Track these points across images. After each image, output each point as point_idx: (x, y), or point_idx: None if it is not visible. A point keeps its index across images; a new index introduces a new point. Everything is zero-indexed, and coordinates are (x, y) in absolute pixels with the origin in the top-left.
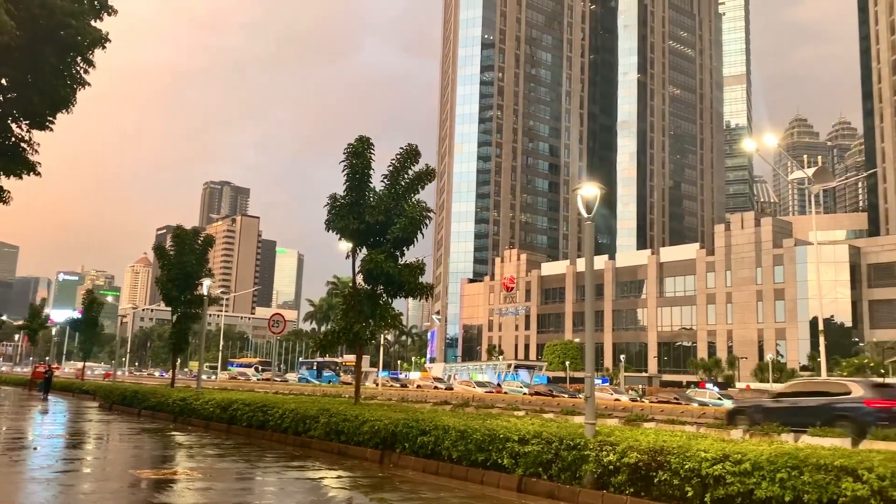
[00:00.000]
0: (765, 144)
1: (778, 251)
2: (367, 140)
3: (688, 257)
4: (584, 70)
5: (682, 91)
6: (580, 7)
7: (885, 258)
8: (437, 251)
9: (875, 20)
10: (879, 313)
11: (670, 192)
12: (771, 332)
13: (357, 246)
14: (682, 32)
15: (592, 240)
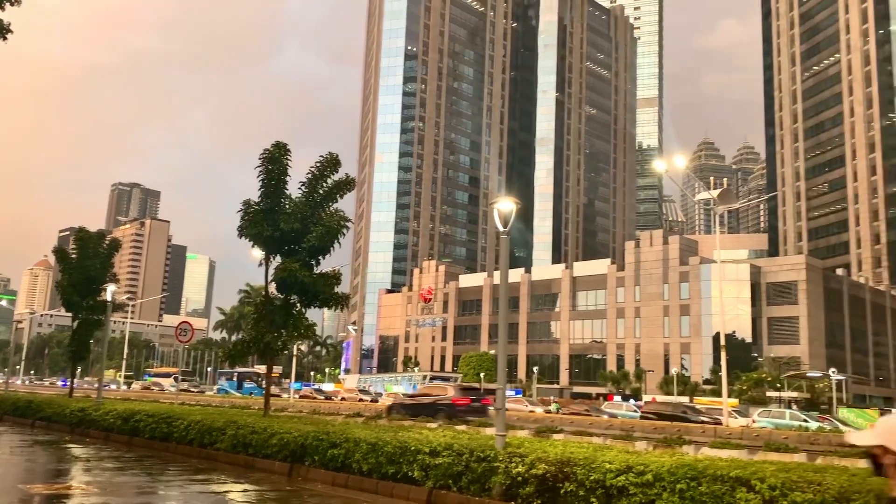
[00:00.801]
0: (674, 166)
1: (684, 268)
2: (284, 146)
3: (600, 272)
4: (504, 86)
5: (597, 111)
6: (502, 24)
7: (782, 277)
8: (355, 261)
9: (778, 52)
10: (777, 330)
11: (585, 209)
12: (676, 347)
13: (271, 254)
14: (599, 54)
15: (508, 253)
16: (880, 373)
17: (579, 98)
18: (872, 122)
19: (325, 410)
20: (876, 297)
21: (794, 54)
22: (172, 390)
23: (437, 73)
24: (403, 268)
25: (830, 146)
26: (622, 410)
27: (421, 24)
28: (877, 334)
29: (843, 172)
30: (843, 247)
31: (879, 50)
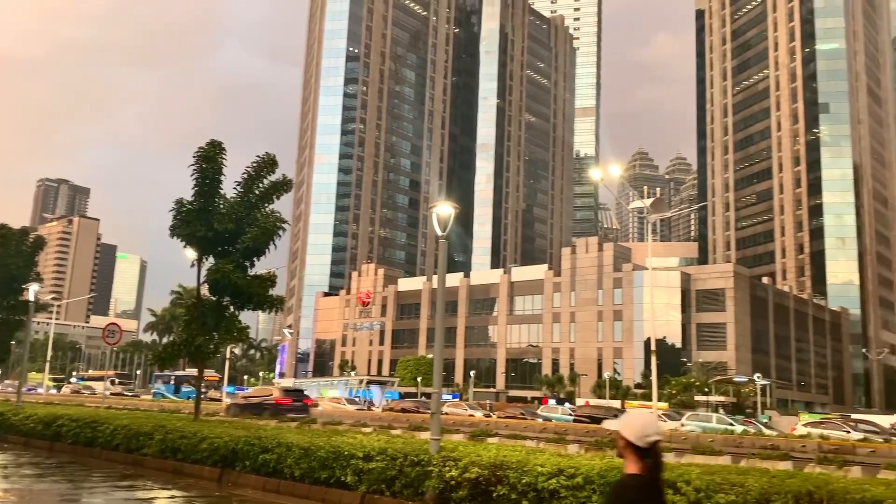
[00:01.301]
0: (609, 174)
1: (618, 275)
2: (220, 144)
3: (537, 277)
4: (446, 91)
5: (537, 119)
6: (445, 30)
7: (711, 285)
8: (291, 263)
9: (710, 66)
10: (705, 336)
11: (523, 215)
12: (609, 351)
13: (204, 254)
14: (539, 63)
15: (445, 258)
16: (802, 378)
17: (519, 105)
18: (798, 136)
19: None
20: (799, 305)
21: (726, 69)
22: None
23: (379, 76)
24: (342, 271)
25: (758, 159)
26: (557, 414)
27: (363, 25)
28: (799, 341)
29: (769, 184)
30: (769, 256)
31: (805, 67)
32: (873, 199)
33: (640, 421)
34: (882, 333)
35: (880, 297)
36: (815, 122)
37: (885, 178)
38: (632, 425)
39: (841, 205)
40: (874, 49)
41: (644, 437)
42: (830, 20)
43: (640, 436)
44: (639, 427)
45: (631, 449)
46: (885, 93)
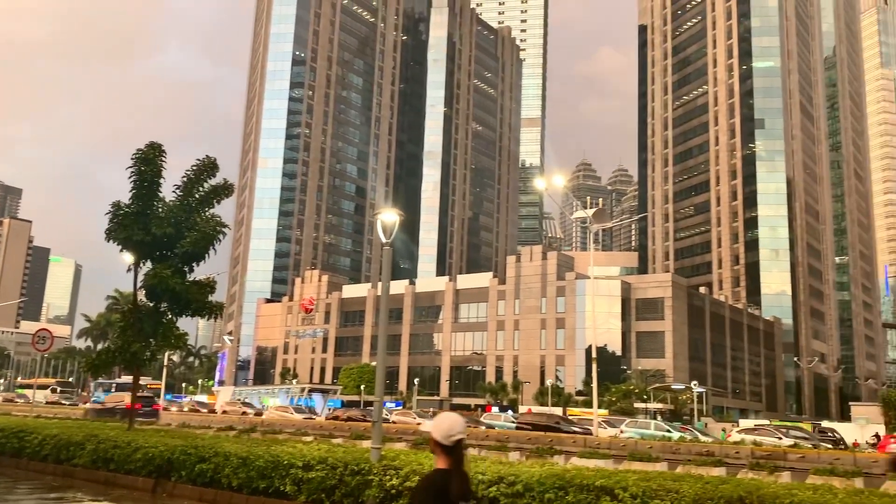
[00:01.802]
0: (554, 185)
1: (561, 283)
2: (159, 147)
3: (482, 285)
4: (393, 98)
5: (483, 128)
6: (392, 37)
7: (650, 294)
8: (233, 268)
9: (652, 80)
10: (644, 344)
11: (469, 223)
12: (552, 359)
13: (141, 259)
14: (486, 73)
15: (390, 265)
16: (736, 385)
17: (466, 114)
18: (735, 150)
19: (195, 423)
20: (734, 314)
21: (667, 84)
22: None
23: (326, 81)
24: (284, 277)
25: (697, 172)
26: (500, 421)
27: (310, 30)
28: (734, 349)
29: (707, 197)
30: (706, 266)
31: (742, 84)
32: (805, 212)
33: (446, 423)
34: (812, 343)
35: (811, 307)
36: (751, 138)
37: (817, 193)
38: (439, 426)
39: (775, 217)
40: (807, 68)
41: (449, 437)
42: (766, 39)
43: (446, 435)
44: (445, 428)
45: (439, 447)
46: (817, 110)
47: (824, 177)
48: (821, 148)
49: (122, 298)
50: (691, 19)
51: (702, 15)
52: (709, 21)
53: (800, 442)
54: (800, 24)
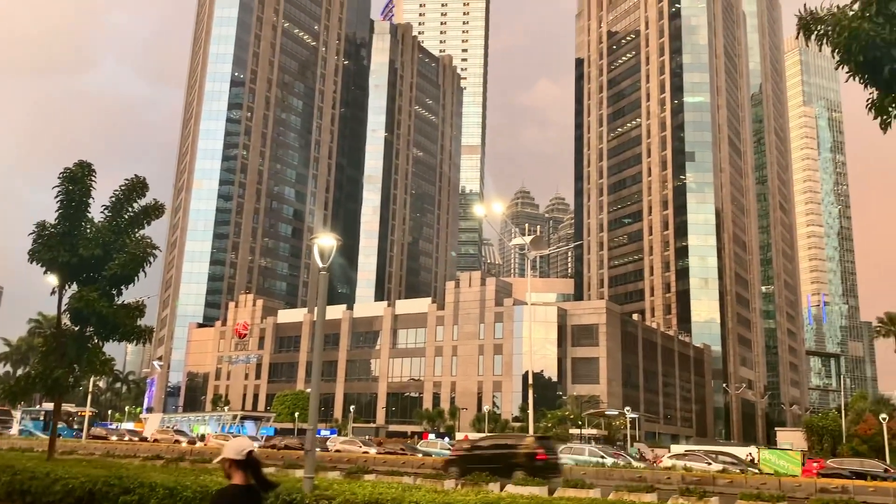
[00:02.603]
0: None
1: (499, 309)
2: (89, 166)
3: (421, 311)
4: (334, 121)
5: (424, 154)
6: (334, 61)
7: (585, 320)
8: (164, 292)
9: (588, 112)
10: (579, 370)
11: (409, 248)
12: (489, 385)
13: (66, 282)
14: (428, 100)
15: (326, 290)
16: (668, 411)
17: (407, 140)
18: (666, 181)
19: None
20: (666, 341)
21: (602, 116)
22: None
23: (265, 103)
24: (218, 301)
25: (630, 201)
26: (436, 449)
27: (250, 51)
28: (666, 375)
29: (640, 226)
30: (639, 294)
31: (674, 118)
32: (733, 242)
33: (236, 442)
34: (740, 369)
35: (739, 334)
36: (682, 169)
37: (744, 224)
38: (230, 446)
39: (704, 247)
40: (735, 104)
41: (240, 452)
42: (696, 75)
43: (238, 451)
44: (235, 446)
45: (234, 465)
46: (744, 145)
47: (751, 209)
48: (748, 181)
49: (46, 322)
50: (626, 54)
51: (636, 50)
52: (643, 56)
53: (728, 467)
54: (728, 62)
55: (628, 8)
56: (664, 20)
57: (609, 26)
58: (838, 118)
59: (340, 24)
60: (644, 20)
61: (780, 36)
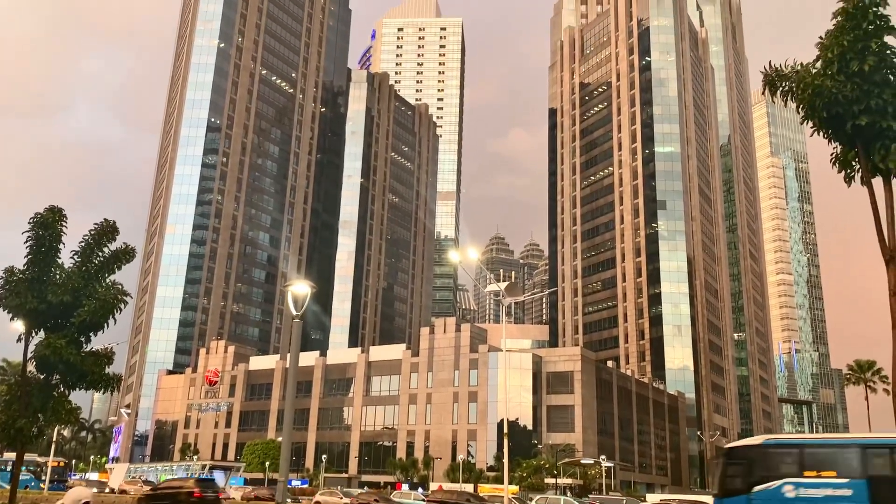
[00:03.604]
0: (468, 257)
1: (474, 356)
2: (60, 211)
3: (395, 357)
4: (310, 167)
5: (399, 199)
6: (311, 108)
7: (560, 367)
8: (134, 338)
9: (561, 160)
10: (555, 418)
11: (383, 293)
12: (464, 433)
13: (34, 328)
14: (404, 146)
15: (299, 339)
16: (643, 459)
17: (383, 185)
18: (639, 229)
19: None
20: (640, 388)
21: (576, 164)
22: None
23: (241, 148)
24: (188, 347)
25: (604, 248)
26: (409, 500)
27: (227, 97)
28: (640, 423)
29: (614, 273)
30: (614, 341)
31: (645, 167)
32: (705, 290)
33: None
34: (714, 417)
35: (712, 382)
36: (654, 217)
37: (715, 272)
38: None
39: (677, 294)
40: (705, 154)
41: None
42: (667, 126)
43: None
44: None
45: None
46: (714, 194)
47: (722, 257)
48: (718, 229)
49: (10, 368)
50: (598, 105)
51: (608, 101)
52: (614, 107)
53: None
54: (698, 114)
55: (600, 61)
56: (635, 73)
57: (581, 78)
58: (805, 168)
59: (318, 73)
60: (615, 72)
61: (747, 89)
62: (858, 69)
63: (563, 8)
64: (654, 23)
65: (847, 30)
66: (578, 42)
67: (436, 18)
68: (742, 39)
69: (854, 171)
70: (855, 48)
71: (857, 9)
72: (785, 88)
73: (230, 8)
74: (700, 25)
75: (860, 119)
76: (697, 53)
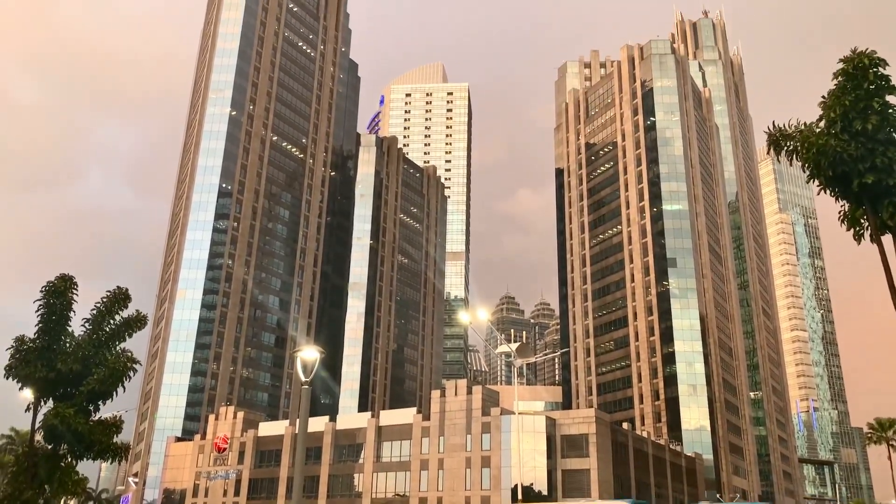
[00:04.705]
0: (478, 318)
1: (486, 419)
2: (71, 279)
3: (406, 422)
4: (320, 230)
5: (409, 260)
6: (321, 172)
7: (574, 430)
8: (143, 404)
9: (569, 219)
10: (570, 482)
11: (394, 356)
12: (477, 500)
13: (43, 397)
14: (412, 208)
15: (308, 405)
16: None
17: (393, 247)
18: (650, 287)
19: None
20: (657, 450)
21: (584, 223)
22: None
23: (252, 213)
24: (198, 413)
25: (615, 307)
26: None
27: (238, 163)
28: (658, 486)
29: (626, 332)
30: (629, 401)
31: (654, 225)
32: (719, 348)
33: None
34: (733, 479)
35: (730, 442)
36: (665, 275)
37: (729, 330)
38: None
39: (691, 353)
40: (713, 211)
41: None
42: (674, 184)
43: None
44: None
45: None
46: (724, 251)
47: (735, 314)
48: (730, 286)
49: (18, 438)
50: (604, 164)
51: (614, 161)
52: (620, 166)
53: None
54: (704, 171)
55: (605, 121)
56: (640, 132)
57: (587, 138)
58: (814, 224)
59: (328, 138)
60: (620, 132)
61: (752, 146)
62: (862, 128)
63: (566, 72)
64: (658, 84)
65: (848, 90)
66: (583, 104)
67: (443, 84)
68: (745, 98)
69: (863, 229)
70: (857, 107)
71: (858, 69)
72: (790, 148)
73: (242, 77)
74: (703, 85)
75: (866, 177)
76: (701, 113)
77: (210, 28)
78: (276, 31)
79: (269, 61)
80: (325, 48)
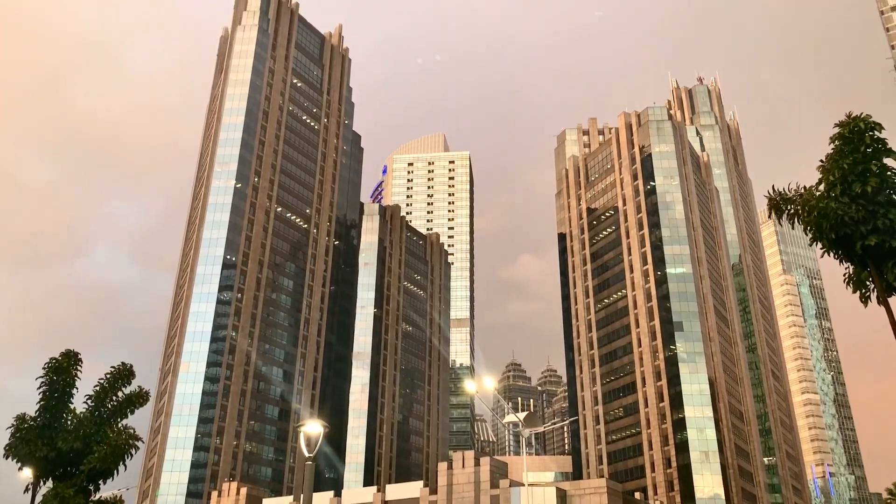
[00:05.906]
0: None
1: (495, 492)
2: (75, 356)
3: (412, 496)
4: (324, 299)
5: (413, 328)
6: (325, 241)
7: (586, 502)
8: (144, 482)
9: (574, 284)
10: None
11: (399, 426)
12: None
13: (42, 477)
14: (416, 275)
15: (312, 481)
16: None
17: (397, 315)
18: (657, 352)
19: None
20: None
21: (588, 287)
22: None
23: (256, 283)
24: (200, 490)
25: (623, 373)
26: None
27: (242, 235)
28: None
29: (635, 398)
30: (640, 470)
31: (658, 289)
32: (730, 413)
33: None
34: None
35: None
36: (672, 339)
37: (739, 394)
38: None
39: (701, 419)
40: (717, 274)
41: None
42: (677, 247)
43: None
44: None
45: None
46: (730, 314)
47: (744, 378)
48: (738, 349)
49: None
50: (606, 229)
51: (616, 225)
52: (622, 231)
53: None
54: (706, 234)
55: (605, 186)
56: (640, 197)
57: (588, 203)
58: (819, 285)
59: (331, 207)
60: (621, 197)
61: (753, 208)
62: (861, 190)
63: (565, 139)
64: (656, 149)
65: (846, 153)
66: (583, 170)
67: (444, 153)
68: (744, 161)
69: (869, 291)
70: (856, 170)
71: (854, 133)
72: (791, 212)
73: (247, 151)
74: (701, 150)
75: (869, 239)
76: (701, 176)
77: (216, 104)
78: (280, 105)
79: (273, 135)
80: (329, 121)
